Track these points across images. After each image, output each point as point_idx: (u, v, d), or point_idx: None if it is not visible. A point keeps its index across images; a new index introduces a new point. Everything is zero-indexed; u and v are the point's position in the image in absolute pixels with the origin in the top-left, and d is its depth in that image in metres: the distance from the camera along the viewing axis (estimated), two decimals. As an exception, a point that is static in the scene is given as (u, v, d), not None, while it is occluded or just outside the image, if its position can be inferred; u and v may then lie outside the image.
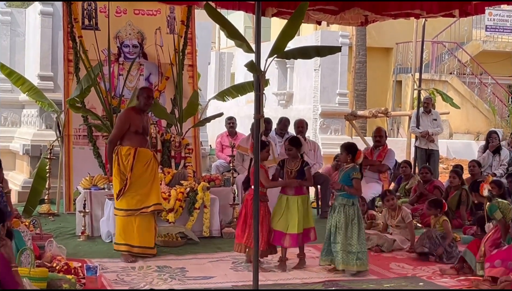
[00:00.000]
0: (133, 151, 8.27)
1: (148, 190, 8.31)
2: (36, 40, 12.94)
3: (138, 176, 8.26)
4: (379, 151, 10.85)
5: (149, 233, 8.30)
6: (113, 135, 8.49)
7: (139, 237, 8.23)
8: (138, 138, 8.38)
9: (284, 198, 7.88)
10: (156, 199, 8.36)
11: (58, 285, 6.51)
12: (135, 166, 8.24)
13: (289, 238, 7.80)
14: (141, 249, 8.23)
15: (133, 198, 8.24)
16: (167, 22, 11.77)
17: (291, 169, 7.90)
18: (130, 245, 8.21)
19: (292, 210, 7.81)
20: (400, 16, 10.59)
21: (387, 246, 8.94)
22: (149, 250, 8.30)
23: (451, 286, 7.31)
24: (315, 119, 16.81)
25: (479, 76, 24.90)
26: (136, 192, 8.24)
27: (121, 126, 8.39)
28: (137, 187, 8.25)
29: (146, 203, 8.27)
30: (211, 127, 15.39)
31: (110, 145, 8.44)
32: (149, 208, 8.28)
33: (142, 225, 8.25)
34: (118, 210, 8.32)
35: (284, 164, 7.95)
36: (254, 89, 6.52)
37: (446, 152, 21.28)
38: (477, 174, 11.44)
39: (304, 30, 22.79)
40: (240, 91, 11.81)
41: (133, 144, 8.31)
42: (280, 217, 7.82)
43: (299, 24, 7.15)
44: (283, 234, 7.80)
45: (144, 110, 8.61)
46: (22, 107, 13.85)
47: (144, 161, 8.32)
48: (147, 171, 8.33)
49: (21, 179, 12.72)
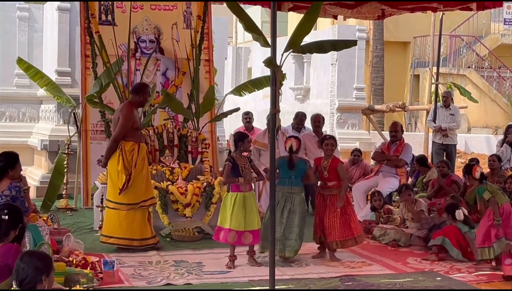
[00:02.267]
0: (137, 146, 8.45)
1: (145, 184, 8.54)
2: (53, 35, 12.99)
3: (140, 171, 8.45)
4: (396, 145, 10.80)
5: (147, 225, 8.51)
6: (118, 133, 8.47)
7: (140, 230, 8.43)
8: (138, 133, 8.63)
9: (240, 195, 7.76)
10: (151, 193, 8.65)
11: (75, 280, 6.55)
12: (138, 161, 8.43)
13: (251, 235, 7.76)
14: (139, 242, 8.41)
15: (134, 192, 8.42)
16: (183, 17, 11.77)
17: (244, 164, 7.84)
18: (130, 238, 8.37)
19: (249, 207, 7.77)
20: (417, 9, 10.54)
21: (404, 240, 8.92)
22: (150, 240, 8.49)
23: (468, 281, 7.27)
24: (332, 114, 16.75)
25: (497, 70, 24.71)
26: (136, 187, 8.44)
27: (127, 123, 8.46)
28: (138, 181, 8.44)
29: (144, 197, 8.50)
30: (228, 122, 15.39)
31: (115, 143, 8.47)
32: (147, 202, 8.51)
33: (141, 218, 8.46)
34: (119, 204, 8.41)
35: (234, 160, 7.85)
36: (270, 83, 6.51)
37: (464, 146, 21.15)
38: (497, 169, 11.37)
39: (320, 25, 22.74)
40: (256, 85, 11.80)
41: (135, 140, 8.50)
42: (239, 216, 7.70)
43: (315, 18, 7.11)
44: (243, 232, 7.73)
45: (141, 106, 8.81)
46: (40, 103, 13.91)
47: (142, 156, 8.53)
48: (145, 166, 8.56)
49: (39, 174, 12.79)
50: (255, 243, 7.89)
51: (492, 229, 7.68)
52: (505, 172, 11.45)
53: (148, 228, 8.52)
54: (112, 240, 8.42)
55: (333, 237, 8.08)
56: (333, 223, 8.09)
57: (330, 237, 8.10)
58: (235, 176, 7.77)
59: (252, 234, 7.76)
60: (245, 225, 7.72)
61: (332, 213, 8.13)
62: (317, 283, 7.04)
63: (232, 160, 7.83)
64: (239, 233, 7.72)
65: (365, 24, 19.51)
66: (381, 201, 9.88)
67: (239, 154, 7.91)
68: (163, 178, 9.46)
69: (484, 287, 7.10)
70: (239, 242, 7.75)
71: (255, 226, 7.77)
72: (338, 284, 7.03)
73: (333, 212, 8.12)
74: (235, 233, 7.72)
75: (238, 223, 7.71)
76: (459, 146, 17.36)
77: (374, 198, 10.00)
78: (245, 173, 7.78)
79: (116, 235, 8.42)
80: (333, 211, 8.13)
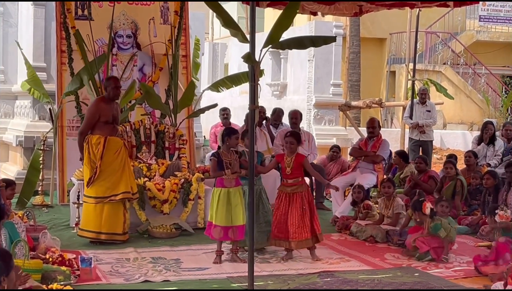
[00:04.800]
0: (103, 139, 8.49)
1: (117, 178, 8.54)
2: (28, 30, 12.85)
3: (108, 165, 8.49)
4: (373, 141, 10.82)
5: (117, 220, 8.53)
6: (83, 127, 8.72)
7: (107, 224, 8.47)
8: (108, 127, 8.63)
9: (225, 191, 7.75)
10: (124, 187, 8.57)
11: (52, 277, 6.50)
12: (105, 155, 8.47)
13: (236, 230, 7.76)
14: (109, 235, 8.46)
15: (102, 186, 8.48)
16: (160, 12, 11.71)
17: (229, 160, 7.81)
18: (97, 232, 8.44)
19: (235, 202, 7.76)
20: (394, 6, 10.55)
21: (381, 236, 8.95)
22: (118, 236, 8.52)
23: (446, 276, 7.31)
24: (309, 110, 16.77)
25: (472, 67, 24.90)
26: (105, 180, 8.48)
27: (91, 117, 8.62)
28: (107, 175, 8.49)
29: (115, 191, 8.51)
30: (204, 118, 15.34)
31: (80, 136, 8.68)
32: (117, 196, 8.50)
33: (111, 212, 8.49)
34: (87, 198, 8.54)
35: (219, 155, 7.83)
36: (249, 79, 6.49)
37: (440, 142, 21.31)
38: (473, 165, 11.45)
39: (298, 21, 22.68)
40: (235, 81, 11.75)
41: (103, 133, 8.54)
42: (223, 212, 7.70)
43: (293, 14, 7.10)
44: (229, 227, 7.73)
45: (113, 99, 8.76)
46: (15, 98, 13.77)
47: (114, 150, 8.55)
48: (117, 160, 8.56)
49: (14, 171, 12.67)
50: (240, 239, 7.85)
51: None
52: (481, 169, 11.53)
53: (120, 223, 8.55)
54: (83, 233, 8.56)
55: (300, 236, 7.85)
56: (301, 222, 7.86)
57: (296, 236, 7.85)
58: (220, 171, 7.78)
59: (238, 230, 7.76)
60: (232, 220, 7.72)
61: (297, 211, 7.89)
62: (295, 280, 7.03)
63: (217, 155, 7.83)
64: (224, 228, 7.71)
65: (342, 21, 19.51)
66: (360, 193, 9.88)
67: (226, 149, 7.88)
68: (140, 174, 9.42)
69: (462, 282, 7.13)
70: (226, 237, 7.76)
71: (240, 221, 7.74)
72: (316, 280, 7.03)
73: (298, 210, 7.88)
74: (220, 229, 7.72)
75: (221, 219, 7.71)
76: (435, 142, 17.46)
77: (354, 190, 10.00)
78: (233, 165, 7.76)
79: (85, 228, 8.55)
80: (297, 209, 7.88)
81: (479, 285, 6.96)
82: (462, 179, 10.61)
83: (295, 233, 7.86)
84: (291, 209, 7.93)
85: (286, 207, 7.97)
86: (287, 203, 7.97)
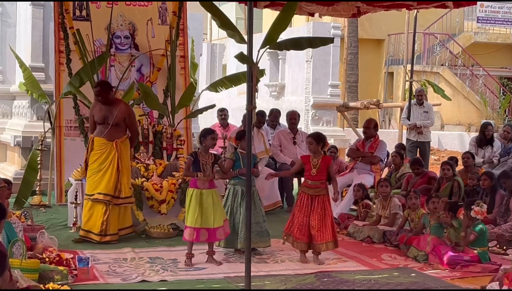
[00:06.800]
0: (91, 139, 8.80)
1: (99, 179, 8.70)
2: (27, 31, 12.87)
3: (91, 164, 8.74)
4: (371, 142, 10.85)
5: (95, 220, 8.64)
6: (89, 126, 9.20)
7: (85, 221, 8.68)
8: (99, 128, 8.83)
9: (197, 192, 7.67)
10: (104, 189, 8.66)
11: (50, 277, 6.51)
12: (90, 154, 8.74)
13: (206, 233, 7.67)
14: (84, 232, 8.66)
15: (87, 184, 8.78)
16: (158, 13, 11.72)
17: (206, 161, 7.76)
18: (88, 231, 8.66)
19: (207, 204, 7.65)
20: (392, 7, 10.58)
21: (378, 237, 8.97)
22: (93, 235, 8.63)
23: (442, 277, 7.33)
24: (307, 111, 16.80)
25: (470, 68, 24.92)
26: (89, 179, 8.77)
27: (89, 118, 9.06)
28: (90, 174, 8.77)
29: (96, 190, 8.66)
30: (202, 119, 15.36)
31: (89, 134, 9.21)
32: (92, 196, 8.67)
33: (90, 210, 8.69)
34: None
35: (196, 156, 7.78)
36: (247, 80, 6.51)
37: (438, 143, 21.33)
38: (471, 166, 11.45)
39: (296, 22, 22.72)
40: (233, 82, 11.70)
41: (94, 134, 8.83)
42: (194, 213, 7.61)
43: (291, 15, 7.12)
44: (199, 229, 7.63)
45: (100, 101, 8.82)
46: (13, 99, 13.78)
47: (98, 149, 8.72)
48: (99, 160, 8.69)
49: (12, 171, 12.68)
50: (211, 241, 7.76)
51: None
52: (479, 170, 11.55)
53: (98, 224, 8.62)
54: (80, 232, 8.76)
55: (323, 238, 7.77)
56: (322, 225, 7.76)
57: (319, 238, 7.77)
58: (195, 172, 7.72)
59: (208, 232, 7.65)
60: (201, 222, 7.62)
61: (320, 213, 7.78)
62: (292, 280, 7.05)
63: (194, 155, 7.80)
64: (196, 230, 7.63)
65: (340, 22, 19.57)
66: (359, 192, 9.90)
67: (204, 150, 7.81)
68: (138, 174, 9.43)
69: (458, 282, 7.15)
70: (198, 239, 7.68)
71: (211, 224, 7.64)
72: (313, 281, 7.05)
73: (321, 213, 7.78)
74: (192, 230, 7.63)
75: (192, 220, 7.63)
76: (433, 143, 17.48)
77: (354, 188, 10.02)
78: (205, 169, 7.70)
79: (82, 227, 8.76)
80: (321, 212, 7.79)
81: (475, 285, 6.98)
82: (459, 180, 10.61)
83: (318, 236, 7.75)
84: (312, 212, 7.80)
85: (308, 210, 7.82)
86: (309, 205, 7.83)
